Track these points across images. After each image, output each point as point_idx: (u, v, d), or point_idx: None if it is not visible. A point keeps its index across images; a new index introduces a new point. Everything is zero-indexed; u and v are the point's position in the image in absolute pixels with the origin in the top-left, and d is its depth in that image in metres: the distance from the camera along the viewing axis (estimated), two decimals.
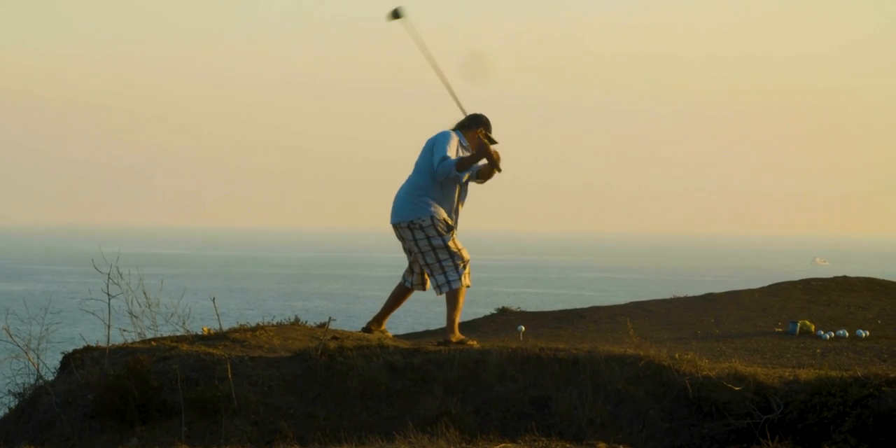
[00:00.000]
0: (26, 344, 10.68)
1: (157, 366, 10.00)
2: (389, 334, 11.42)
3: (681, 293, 16.14)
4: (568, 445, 8.60)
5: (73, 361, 10.51)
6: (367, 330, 11.31)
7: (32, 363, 10.63)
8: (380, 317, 11.38)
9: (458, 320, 10.99)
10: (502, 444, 8.50)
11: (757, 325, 13.09)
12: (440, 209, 10.89)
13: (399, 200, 10.98)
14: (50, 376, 10.66)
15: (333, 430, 9.34)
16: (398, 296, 11.30)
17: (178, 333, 11.05)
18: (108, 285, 10.73)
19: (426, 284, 11.13)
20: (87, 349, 10.68)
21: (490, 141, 10.95)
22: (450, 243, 10.86)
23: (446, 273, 10.86)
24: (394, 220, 10.98)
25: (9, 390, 10.75)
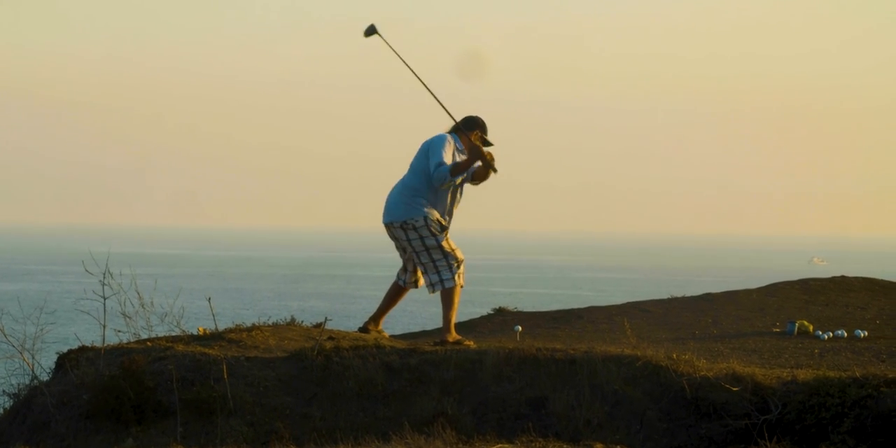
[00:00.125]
0: (21, 344, 10.65)
1: (152, 366, 9.98)
2: (386, 334, 11.42)
3: (678, 293, 16.10)
4: (565, 446, 8.59)
5: (68, 362, 10.48)
6: (363, 330, 11.32)
7: (27, 363, 10.59)
8: (376, 316, 11.40)
9: (454, 320, 11.02)
10: (499, 445, 8.48)
11: (755, 326, 13.06)
12: (433, 210, 10.93)
13: (392, 200, 11.01)
14: (45, 376, 10.62)
15: (329, 431, 9.32)
16: (393, 295, 11.35)
17: (174, 334, 11.02)
18: (103, 287, 10.68)
19: (420, 282, 11.16)
20: (83, 349, 10.65)
21: (484, 143, 10.97)
22: (443, 243, 10.91)
23: (440, 272, 10.90)
24: (386, 219, 11.01)
25: (3, 391, 10.72)
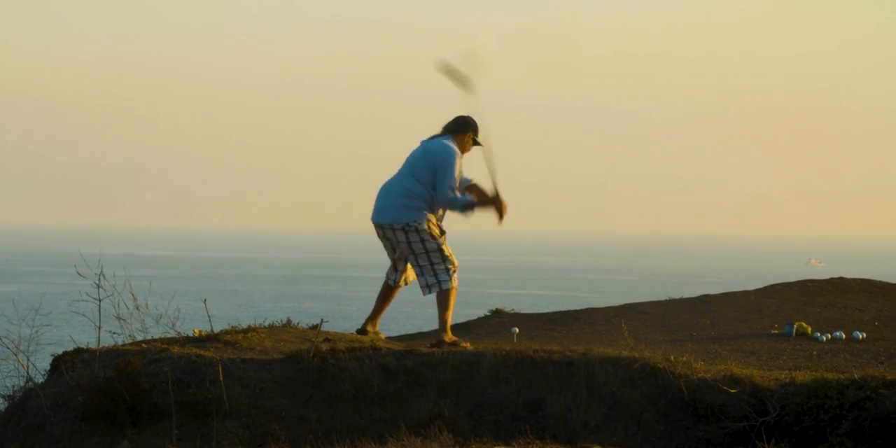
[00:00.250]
0: (16, 346, 10.62)
1: (147, 368, 9.95)
2: (382, 336, 11.42)
3: (676, 295, 16.04)
4: None
5: (62, 363, 10.45)
6: (362, 332, 11.33)
7: (22, 365, 10.56)
8: (373, 317, 11.40)
9: (450, 322, 11.03)
10: (496, 447, 8.45)
11: (753, 327, 13.03)
12: (432, 215, 11.01)
13: (391, 202, 11.00)
14: (39, 379, 10.59)
15: (325, 433, 9.30)
16: (385, 295, 11.38)
17: (169, 335, 10.99)
18: (98, 288, 10.65)
19: (409, 280, 11.23)
20: (77, 351, 10.62)
21: (474, 143, 11.11)
22: (443, 247, 10.96)
23: (437, 274, 10.94)
24: (384, 220, 11.01)
25: None
